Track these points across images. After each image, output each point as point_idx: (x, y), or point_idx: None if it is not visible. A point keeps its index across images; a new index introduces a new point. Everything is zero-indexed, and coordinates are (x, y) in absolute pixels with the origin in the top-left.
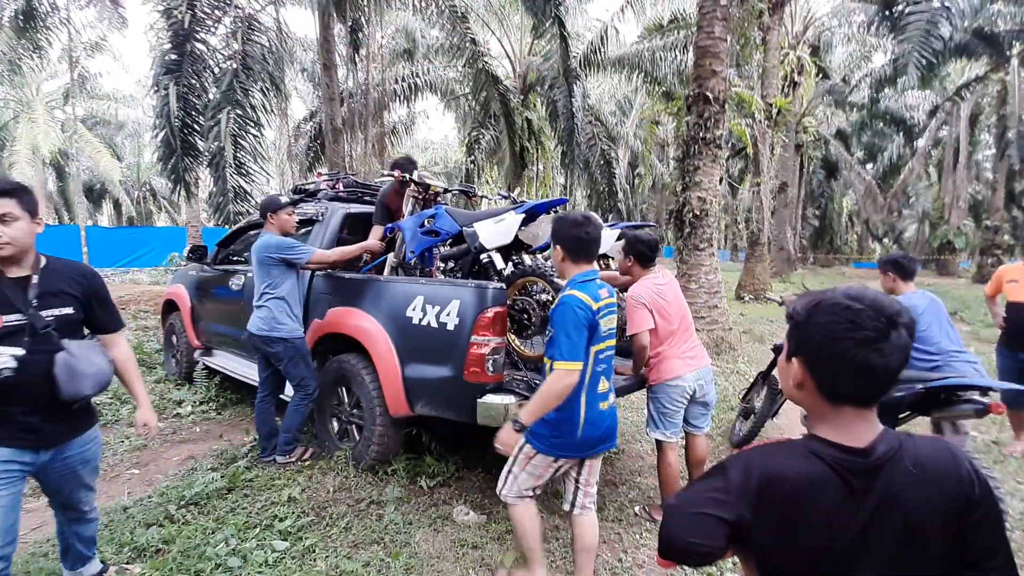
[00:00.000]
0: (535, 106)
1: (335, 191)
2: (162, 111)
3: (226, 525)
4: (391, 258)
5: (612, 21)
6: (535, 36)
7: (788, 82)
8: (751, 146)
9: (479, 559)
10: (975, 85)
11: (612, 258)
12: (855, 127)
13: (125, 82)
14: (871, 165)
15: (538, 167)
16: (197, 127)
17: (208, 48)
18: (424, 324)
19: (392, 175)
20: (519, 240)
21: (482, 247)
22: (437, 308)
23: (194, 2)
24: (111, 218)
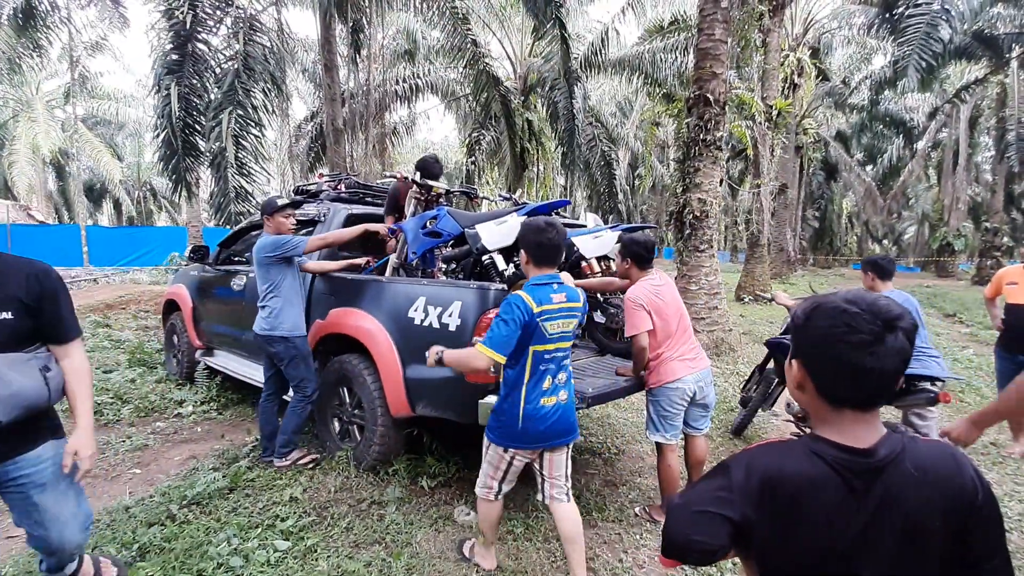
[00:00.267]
0: (536, 107)
1: (337, 192)
2: (163, 111)
3: (228, 525)
4: (393, 259)
5: (613, 23)
6: (536, 38)
7: (788, 84)
8: (751, 148)
9: None
10: (975, 87)
11: (613, 259)
12: (855, 129)
13: (126, 82)
14: (871, 167)
15: (539, 168)
16: (198, 127)
17: (210, 48)
18: (426, 325)
19: (395, 176)
20: None
21: (484, 248)
22: (439, 309)
23: (196, 2)
24: (111, 218)
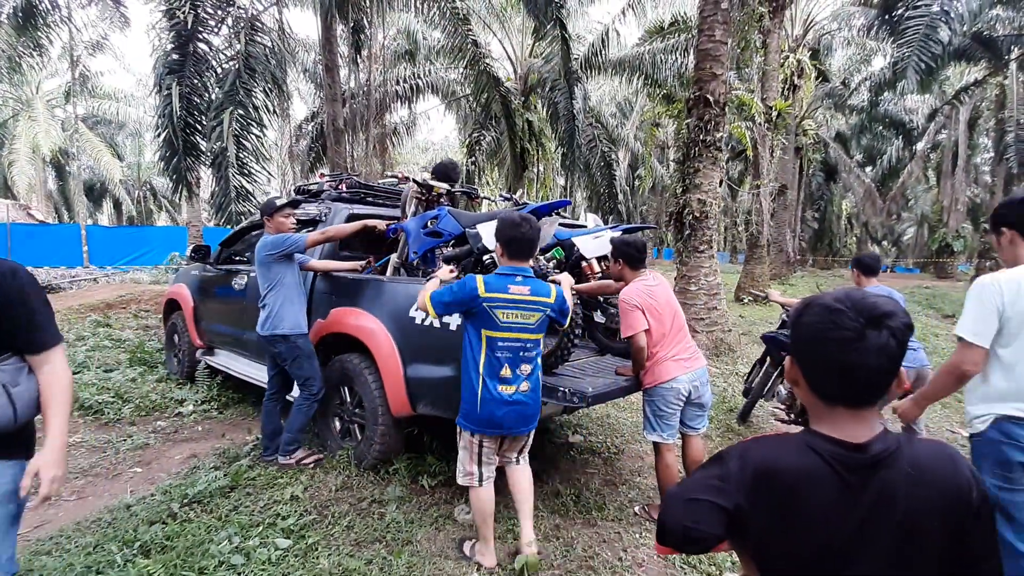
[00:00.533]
0: (536, 108)
1: (338, 191)
2: (164, 111)
3: (229, 523)
4: (394, 259)
5: (613, 23)
6: (536, 38)
7: (788, 85)
8: (751, 149)
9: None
10: (974, 89)
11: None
12: (854, 130)
13: (126, 81)
14: (870, 168)
15: (539, 168)
16: (199, 127)
17: (211, 48)
18: (427, 324)
19: (395, 176)
20: None
21: (485, 248)
22: None
23: (197, 2)
24: (111, 217)
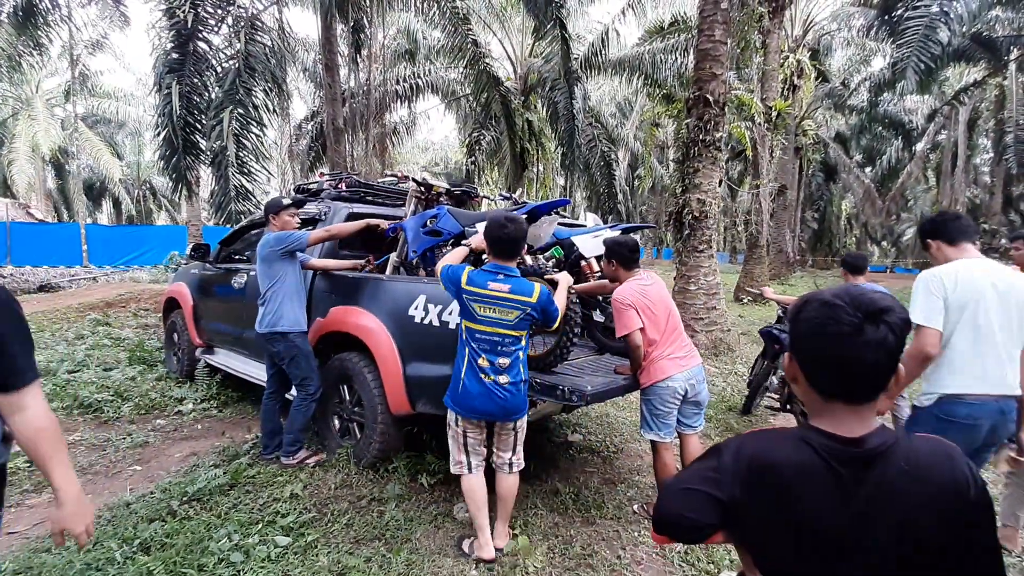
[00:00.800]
0: (536, 107)
1: (338, 190)
2: (164, 110)
3: (229, 521)
4: (393, 257)
5: (613, 23)
6: (536, 38)
7: (788, 85)
8: (751, 149)
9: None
10: (973, 90)
11: None
12: (854, 130)
13: (126, 80)
14: (870, 168)
15: (538, 168)
16: (199, 126)
17: (211, 47)
18: (426, 323)
19: (395, 175)
20: None
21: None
22: (439, 307)
23: (197, 2)
24: (111, 216)
